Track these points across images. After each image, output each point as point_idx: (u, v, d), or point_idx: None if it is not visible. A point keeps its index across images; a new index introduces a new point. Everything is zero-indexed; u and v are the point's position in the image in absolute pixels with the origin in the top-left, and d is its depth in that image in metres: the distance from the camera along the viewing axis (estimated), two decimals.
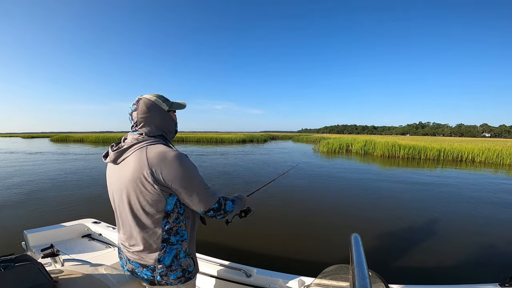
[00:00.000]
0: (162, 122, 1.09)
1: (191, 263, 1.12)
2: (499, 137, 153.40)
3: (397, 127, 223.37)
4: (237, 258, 1.97)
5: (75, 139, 39.87)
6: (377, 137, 38.18)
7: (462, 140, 32.65)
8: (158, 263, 1.03)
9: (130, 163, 0.98)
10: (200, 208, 1.04)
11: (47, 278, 1.00)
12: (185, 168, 0.98)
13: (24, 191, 6.54)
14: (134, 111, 1.05)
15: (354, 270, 0.72)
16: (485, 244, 3.72)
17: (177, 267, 1.06)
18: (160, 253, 1.03)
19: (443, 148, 17.16)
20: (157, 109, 1.07)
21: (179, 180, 0.96)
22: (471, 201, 6.24)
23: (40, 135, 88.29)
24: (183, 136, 40.91)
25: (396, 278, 2.76)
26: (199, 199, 1.02)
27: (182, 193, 0.99)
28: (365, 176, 9.53)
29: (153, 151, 0.97)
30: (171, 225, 1.03)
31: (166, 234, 1.03)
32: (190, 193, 1.00)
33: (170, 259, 1.05)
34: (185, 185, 0.98)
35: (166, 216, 1.01)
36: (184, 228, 1.08)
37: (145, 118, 1.05)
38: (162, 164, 0.94)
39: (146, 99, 1.07)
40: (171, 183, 0.96)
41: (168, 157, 0.96)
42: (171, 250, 1.04)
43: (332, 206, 5.63)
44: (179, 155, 0.98)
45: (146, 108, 1.05)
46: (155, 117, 1.06)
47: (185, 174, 0.97)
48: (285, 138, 62.19)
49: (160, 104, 1.08)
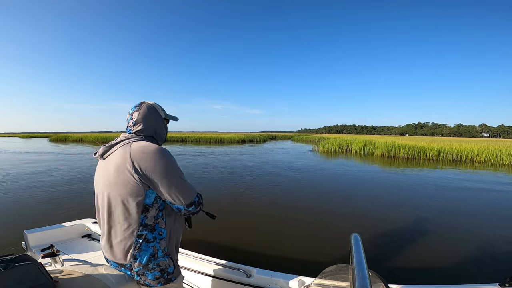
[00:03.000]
0: (157, 125, 1.21)
1: (170, 264, 1.10)
2: (498, 137, 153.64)
3: (396, 127, 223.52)
4: (237, 258, 1.97)
5: (74, 139, 39.78)
6: (376, 137, 38.22)
7: (461, 140, 32.71)
8: (134, 261, 1.03)
9: (115, 157, 1.03)
10: (181, 201, 1.05)
11: (47, 278, 1.00)
12: (164, 161, 1.02)
13: (24, 191, 6.52)
14: (136, 112, 1.17)
15: (354, 270, 0.72)
16: (485, 244, 3.72)
17: (154, 267, 1.05)
18: (135, 249, 1.02)
19: (443, 148, 17.20)
20: (156, 114, 1.21)
21: (158, 171, 0.99)
22: (471, 201, 6.26)
23: (39, 135, 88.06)
24: (182, 136, 40.90)
25: (396, 278, 2.77)
26: (178, 192, 1.03)
27: (161, 185, 1.00)
28: (365, 176, 9.54)
29: (136, 146, 1.03)
30: (150, 220, 1.03)
31: (143, 230, 1.02)
32: (169, 185, 1.01)
33: (147, 257, 1.03)
34: (164, 176, 1.00)
35: (145, 210, 1.02)
36: (164, 226, 1.07)
37: (144, 118, 1.16)
38: (142, 156, 0.99)
39: (149, 103, 1.21)
40: (151, 175, 0.99)
41: (148, 150, 1.01)
42: (147, 248, 1.03)
43: (332, 206, 5.63)
44: (159, 149, 1.03)
45: (148, 111, 1.18)
46: (153, 119, 1.19)
47: (164, 167, 1.01)
48: (285, 138, 62.20)
49: (159, 111, 1.23)
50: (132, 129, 1.16)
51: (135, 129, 1.16)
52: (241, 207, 5.43)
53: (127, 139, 1.08)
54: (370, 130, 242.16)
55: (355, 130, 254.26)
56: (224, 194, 6.43)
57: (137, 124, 1.16)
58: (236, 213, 5.03)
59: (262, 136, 45.38)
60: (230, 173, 9.76)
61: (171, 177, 1.02)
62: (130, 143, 1.05)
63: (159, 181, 1.00)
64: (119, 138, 1.11)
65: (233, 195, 6.38)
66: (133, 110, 1.18)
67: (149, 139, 1.16)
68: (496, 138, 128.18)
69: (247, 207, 5.39)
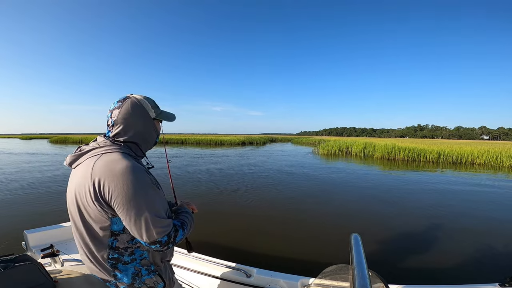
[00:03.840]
0: (143, 128, 0.97)
1: (158, 281, 0.99)
2: (498, 139, 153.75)
3: (396, 130, 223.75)
4: (237, 258, 1.97)
5: (74, 140, 39.88)
6: (376, 139, 38.26)
7: (461, 143, 32.75)
8: (116, 280, 0.92)
9: (79, 172, 0.85)
10: (142, 238, 0.82)
11: (47, 278, 1.00)
12: (132, 183, 0.80)
13: (24, 191, 6.52)
14: (117, 109, 0.93)
15: (354, 270, 0.72)
16: (485, 244, 3.72)
17: (141, 285, 0.95)
18: (113, 270, 0.91)
19: (443, 150, 17.22)
20: (142, 114, 0.96)
21: (120, 197, 0.79)
22: (471, 201, 6.25)
23: (39, 136, 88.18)
24: (182, 138, 40.95)
25: (396, 278, 2.76)
26: (141, 227, 0.81)
27: (121, 215, 0.81)
28: (365, 178, 9.54)
29: (102, 161, 0.82)
30: (124, 244, 0.89)
31: (114, 253, 0.88)
32: (129, 216, 0.80)
33: (130, 277, 0.92)
34: (127, 205, 0.79)
35: (114, 235, 0.87)
36: (145, 248, 0.93)
37: (125, 118, 0.93)
38: (106, 176, 0.79)
39: (135, 99, 0.96)
40: (112, 202, 0.80)
41: (115, 168, 0.80)
42: (126, 269, 0.91)
43: (332, 206, 5.63)
44: (130, 168, 0.81)
45: (131, 108, 0.94)
46: (137, 122, 0.95)
47: (129, 191, 0.79)
48: (285, 140, 62.25)
49: (147, 109, 0.98)
50: (111, 131, 0.94)
51: (113, 131, 0.93)
52: (241, 207, 5.42)
53: (100, 148, 0.88)
54: (370, 133, 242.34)
55: (355, 133, 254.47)
56: (224, 195, 6.42)
57: (116, 126, 0.93)
58: (236, 213, 5.02)
59: (262, 139, 45.43)
60: (230, 174, 9.76)
61: (134, 208, 0.80)
62: (98, 156, 0.85)
63: (119, 210, 0.80)
64: (91, 145, 0.91)
65: (233, 195, 6.37)
66: (114, 106, 0.94)
67: (129, 146, 0.95)
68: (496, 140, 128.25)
69: (247, 208, 5.38)
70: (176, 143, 38.31)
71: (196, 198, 6.16)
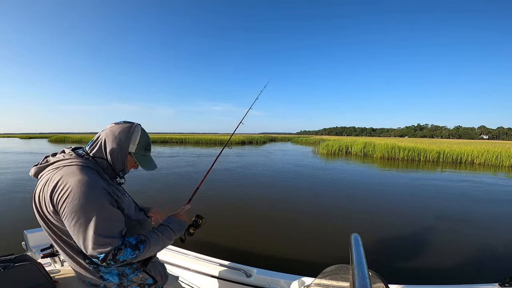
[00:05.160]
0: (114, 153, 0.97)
1: (145, 277, 1.02)
2: (497, 139, 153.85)
3: (396, 129, 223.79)
4: (237, 258, 1.97)
5: (73, 140, 39.88)
6: (376, 139, 38.28)
7: (461, 142, 32.77)
8: (104, 281, 0.94)
9: (41, 184, 0.87)
10: (82, 249, 0.84)
11: (47, 278, 1.00)
12: (79, 197, 0.80)
13: (24, 191, 6.50)
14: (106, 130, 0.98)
15: (354, 270, 0.72)
16: (485, 244, 3.72)
17: (130, 283, 0.98)
18: (97, 273, 0.93)
19: (443, 150, 17.22)
20: (123, 142, 0.98)
21: (67, 208, 0.80)
22: (471, 201, 6.26)
23: (38, 135, 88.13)
24: (182, 138, 40.96)
25: (396, 278, 2.76)
26: (79, 239, 0.82)
27: (66, 224, 0.82)
28: (365, 177, 9.54)
29: (60, 173, 0.84)
30: None
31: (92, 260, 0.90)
32: (71, 228, 0.82)
33: (117, 277, 0.95)
34: (70, 216, 0.80)
35: None
36: None
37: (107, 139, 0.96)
38: (59, 188, 0.81)
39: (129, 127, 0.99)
40: (61, 211, 0.81)
41: (69, 181, 0.81)
42: (109, 271, 0.94)
43: (332, 207, 5.63)
44: (83, 182, 0.82)
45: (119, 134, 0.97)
46: (114, 146, 0.96)
47: (75, 204, 0.80)
48: (284, 139, 62.25)
49: (132, 142, 1.00)
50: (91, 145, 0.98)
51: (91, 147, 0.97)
52: (241, 207, 5.42)
53: (64, 160, 0.89)
54: (369, 132, 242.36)
55: (354, 132, 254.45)
56: (224, 195, 6.42)
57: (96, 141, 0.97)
58: (236, 213, 5.02)
59: (261, 138, 45.41)
60: (230, 174, 9.76)
61: (77, 221, 0.80)
62: (60, 169, 0.86)
63: (65, 220, 0.82)
64: (57, 157, 0.92)
65: (233, 195, 6.38)
66: (115, 122, 1.01)
67: (98, 161, 0.95)
68: (496, 140, 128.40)
69: (247, 208, 5.39)
70: (176, 142, 38.31)
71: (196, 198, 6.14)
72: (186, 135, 47.16)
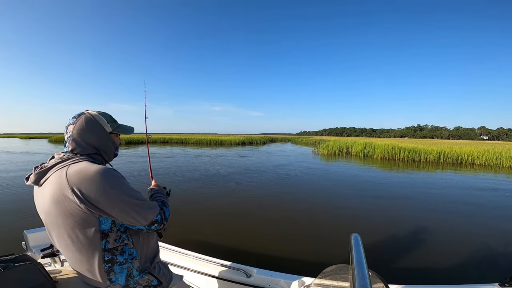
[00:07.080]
0: (98, 142, 1.01)
1: (151, 279, 1.03)
2: (497, 139, 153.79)
3: (396, 130, 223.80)
4: (237, 258, 1.97)
5: None
6: (376, 139, 38.29)
7: (461, 143, 32.78)
8: (112, 283, 0.95)
9: (51, 185, 0.87)
10: (140, 222, 0.92)
11: (47, 278, 1.00)
12: (110, 184, 0.86)
13: (24, 191, 6.50)
14: (71, 125, 0.98)
15: (354, 270, 0.72)
16: (485, 244, 3.73)
17: (135, 285, 0.99)
18: (108, 274, 0.93)
19: (443, 150, 17.22)
20: (97, 128, 1.01)
21: (104, 196, 0.84)
22: (471, 201, 6.26)
23: (38, 135, 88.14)
24: (182, 138, 41.00)
25: (396, 278, 2.76)
26: (136, 214, 0.90)
27: (112, 210, 0.86)
28: (365, 178, 9.54)
29: (73, 169, 0.86)
30: (114, 244, 0.92)
31: (109, 255, 0.91)
32: (122, 210, 0.87)
33: (124, 278, 0.96)
34: (112, 200, 0.85)
35: (104, 236, 0.89)
36: (132, 246, 0.97)
37: (80, 134, 0.97)
38: (83, 183, 0.83)
39: (89, 115, 1.01)
40: (96, 201, 0.83)
41: (89, 174, 0.84)
42: (121, 270, 0.95)
43: (332, 207, 5.62)
44: (102, 170, 0.86)
45: (85, 124, 0.98)
46: (92, 136, 0.99)
47: (110, 189, 0.85)
48: (284, 140, 62.27)
49: (102, 124, 1.03)
50: (67, 146, 0.98)
51: (70, 146, 0.97)
52: (241, 207, 5.42)
53: (63, 161, 0.90)
54: (369, 133, 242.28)
55: (354, 133, 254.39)
56: (224, 195, 6.42)
57: (71, 141, 0.97)
58: (236, 213, 5.02)
59: (261, 138, 45.41)
60: (230, 174, 9.76)
61: (121, 200, 0.87)
62: (67, 167, 0.88)
63: (107, 206, 0.85)
64: (54, 160, 0.92)
65: (233, 195, 6.37)
66: (69, 122, 0.98)
67: (92, 157, 0.99)
68: (496, 140, 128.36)
69: (247, 208, 5.38)
70: (176, 143, 38.32)
71: (196, 197, 6.16)
72: (186, 136, 47.19)
